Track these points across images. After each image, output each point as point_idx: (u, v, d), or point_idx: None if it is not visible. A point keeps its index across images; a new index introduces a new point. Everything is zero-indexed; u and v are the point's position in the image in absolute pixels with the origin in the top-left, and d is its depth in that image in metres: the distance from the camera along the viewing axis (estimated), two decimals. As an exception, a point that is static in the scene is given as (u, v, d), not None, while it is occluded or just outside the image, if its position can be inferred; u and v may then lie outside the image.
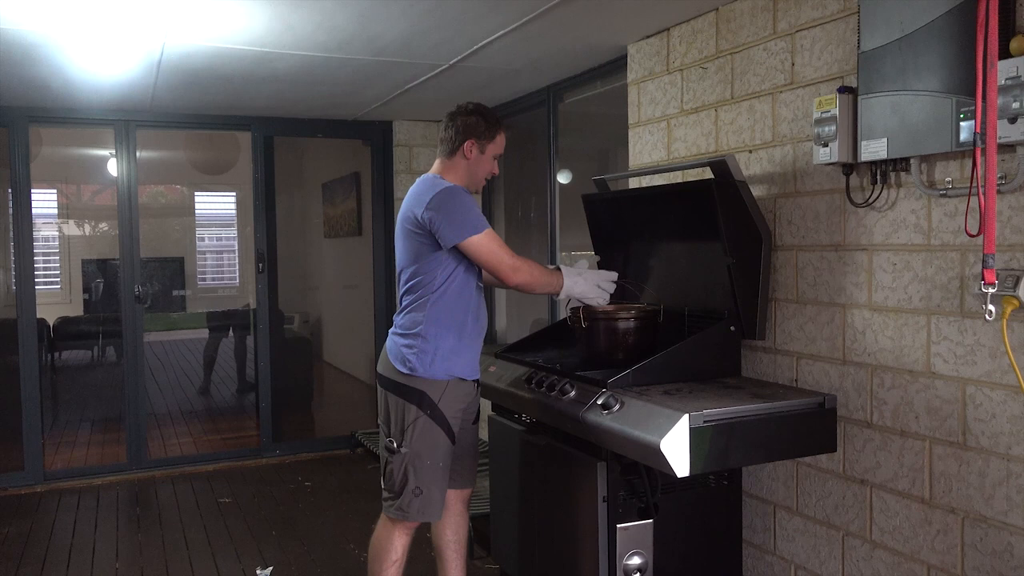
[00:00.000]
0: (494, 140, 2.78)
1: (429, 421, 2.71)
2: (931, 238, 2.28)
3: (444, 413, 2.72)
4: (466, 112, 2.78)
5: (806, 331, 2.70)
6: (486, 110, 2.79)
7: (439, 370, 2.71)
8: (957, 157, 2.19)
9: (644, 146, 3.48)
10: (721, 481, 2.80)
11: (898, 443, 2.41)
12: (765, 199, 2.82)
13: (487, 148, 2.77)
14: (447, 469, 2.77)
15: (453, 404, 2.74)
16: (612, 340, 2.82)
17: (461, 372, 2.75)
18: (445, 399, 2.72)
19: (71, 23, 3.17)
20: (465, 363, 2.76)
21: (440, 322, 2.70)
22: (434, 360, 2.70)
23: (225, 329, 7.45)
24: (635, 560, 2.58)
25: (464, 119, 2.76)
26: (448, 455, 2.76)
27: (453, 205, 2.62)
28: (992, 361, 2.13)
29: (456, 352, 2.72)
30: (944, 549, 2.29)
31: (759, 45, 2.83)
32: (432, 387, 2.71)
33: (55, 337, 7.21)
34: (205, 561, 3.88)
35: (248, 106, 5.03)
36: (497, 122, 2.79)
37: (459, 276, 2.72)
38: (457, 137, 2.75)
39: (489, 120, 2.77)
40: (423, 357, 2.70)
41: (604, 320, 2.84)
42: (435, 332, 2.70)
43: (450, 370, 2.72)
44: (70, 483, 5.13)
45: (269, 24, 3.21)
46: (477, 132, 2.74)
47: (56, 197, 8.46)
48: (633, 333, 2.81)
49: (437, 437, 2.72)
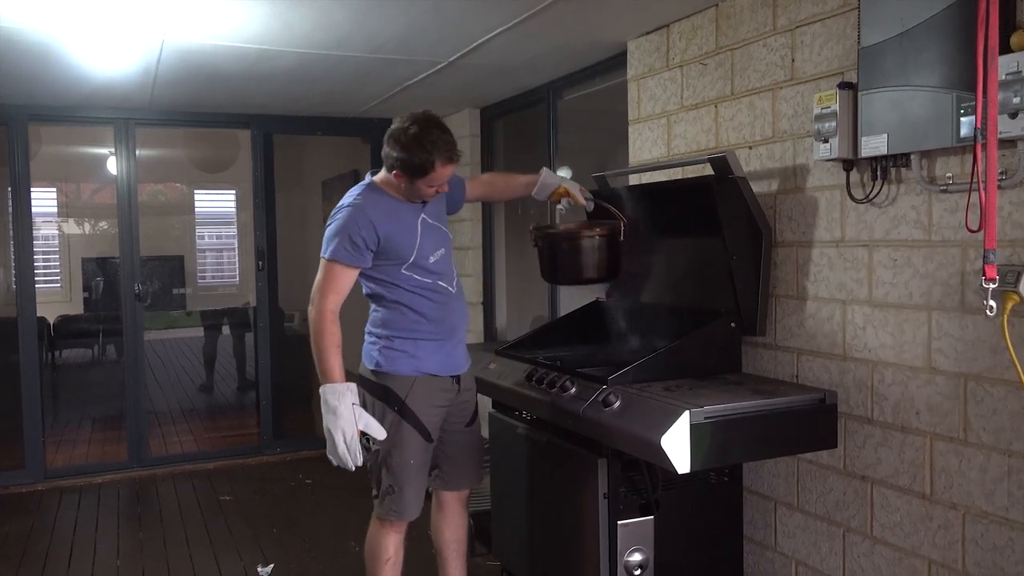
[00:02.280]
0: (424, 177, 2.51)
1: (398, 418, 2.64)
2: (932, 234, 2.28)
3: (413, 410, 2.64)
4: (394, 142, 2.50)
5: (807, 327, 2.70)
6: (416, 144, 2.45)
7: (404, 366, 2.64)
8: (957, 153, 2.19)
9: (644, 143, 3.48)
10: (722, 477, 2.80)
11: (899, 439, 2.41)
12: (765, 195, 2.82)
13: (416, 182, 2.53)
14: (423, 467, 2.71)
15: (424, 401, 2.66)
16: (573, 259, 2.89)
17: (429, 368, 2.67)
18: (413, 396, 2.64)
19: (70, 21, 3.16)
20: (434, 360, 2.68)
21: (399, 323, 2.65)
22: (399, 357, 2.65)
23: (227, 327, 7.46)
24: (636, 556, 2.58)
25: (387, 148, 2.53)
26: (422, 453, 2.69)
27: (332, 221, 2.57)
28: (993, 357, 2.13)
29: (422, 349, 2.66)
30: (945, 545, 2.29)
31: (759, 41, 2.83)
32: (398, 384, 2.65)
33: (55, 335, 7.23)
34: (206, 559, 3.88)
35: (247, 104, 5.02)
36: (429, 159, 2.46)
37: (388, 283, 2.64)
38: (386, 161, 2.56)
39: (417, 156, 2.46)
40: (387, 354, 2.66)
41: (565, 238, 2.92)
42: (397, 331, 2.65)
43: (417, 367, 2.65)
44: (71, 481, 5.13)
45: (267, 22, 3.20)
46: (403, 168, 2.51)
47: (56, 195, 8.47)
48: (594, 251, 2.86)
49: (407, 434, 2.65)
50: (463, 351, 2.80)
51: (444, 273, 2.71)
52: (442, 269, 2.70)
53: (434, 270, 2.67)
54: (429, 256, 2.65)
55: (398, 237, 2.59)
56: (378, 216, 2.56)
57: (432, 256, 2.67)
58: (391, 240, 2.57)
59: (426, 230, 2.66)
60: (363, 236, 2.52)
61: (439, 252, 2.70)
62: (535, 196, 2.94)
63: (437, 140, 2.49)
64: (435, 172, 2.50)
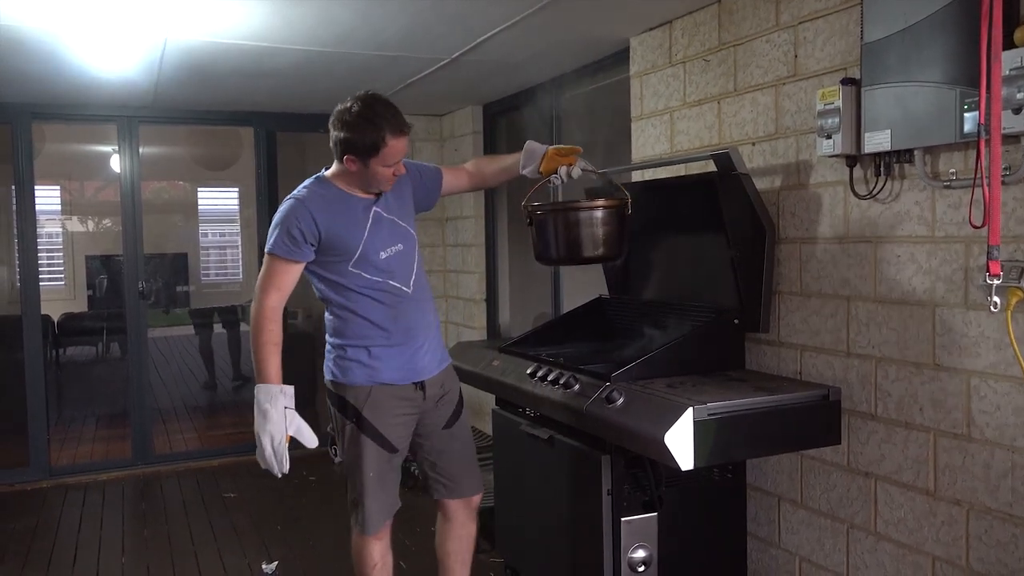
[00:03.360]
0: (377, 155, 2.36)
1: (355, 429, 2.52)
2: (935, 230, 2.28)
3: (371, 421, 2.51)
4: (339, 123, 2.38)
5: (810, 324, 2.70)
6: (361, 120, 2.33)
7: (358, 376, 2.51)
8: (961, 148, 2.18)
9: (647, 139, 3.48)
10: (725, 474, 2.80)
11: (903, 435, 2.40)
12: (768, 192, 2.81)
13: (369, 162, 2.38)
14: (384, 480, 2.55)
15: (383, 411, 2.52)
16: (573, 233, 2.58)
17: (385, 377, 2.52)
18: (370, 406, 2.50)
19: (74, 19, 3.17)
20: (390, 367, 2.52)
21: (349, 330, 2.52)
22: (352, 367, 2.52)
23: (227, 325, 7.48)
24: (640, 553, 2.58)
25: (333, 132, 2.41)
26: (383, 464, 2.54)
27: (276, 217, 2.48)
28: (997, 353, 2.13)
29: (376, 357, 2.51)
30: (949, 541, 2.29)
31: (762, 37, 2.82)
32: (353, 394, 2.52)
33: (59, 333, 7.23)
34: (210, 556, 3.89)
35: (250, 101, 5.03)
36: (378, 132, 2.32)
37: (334, 282, 2.50)
38: (335, 149, 2.43)
39: (365, 133, 2.33)
40: (341, 364, 2.54)
41: (564, 212, 2.59)
42: (348, 339, 2.52)
43: (372, 376, 2.51)
44: (75, 479, 5.14)
45: (270, 19, 3.20)
46: (352, 149, 2.37)
47: (60, 193, 8.47)
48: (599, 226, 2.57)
49: (365, 446, 2.51)
50: (430, 355, 2.62)
51: (396, 272, 2.52)
52: (394, 267, 2.52)
53: (384, 268, 2.50)
54: (379, 251, 2.49)
55: (342, 229, 2.45)
56: (320, 207, 2.44)
57: (383, 252, 2.50)
58: (334, 232, 2.43)
59: (378, 224, 2.51)
60: (301, 228, 2.40)
61: (393, 248, 2.52)
62: (525, 173, 2.71)
63: (383, 113, 2.34)
64: (387, 147, 2.34)
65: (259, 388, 2.38)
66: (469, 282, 5.45)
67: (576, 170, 2.62)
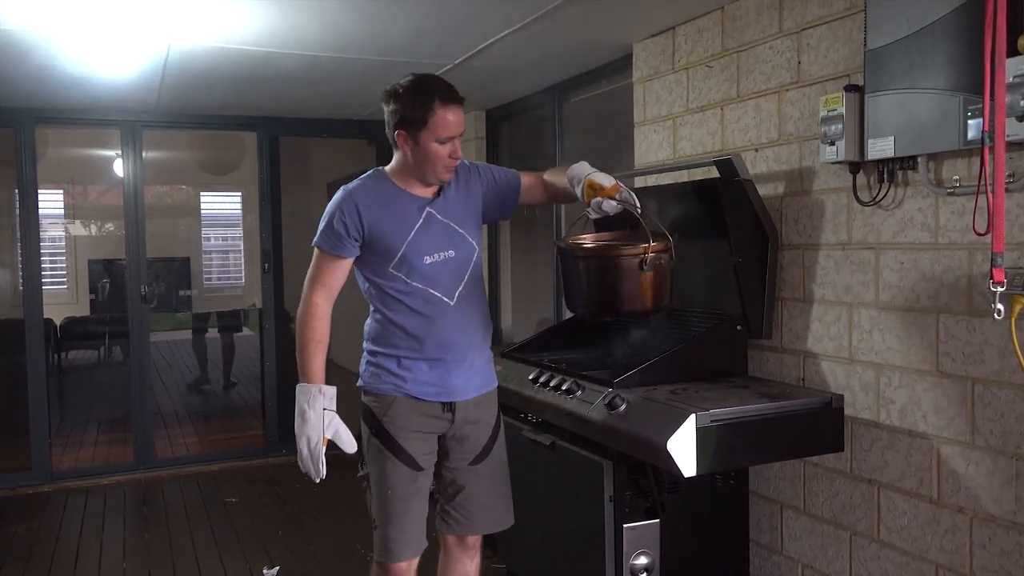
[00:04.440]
0: (427, 126, 2.22)
1: (376, 441, 2.37)
2: (939, 237, 2.27)
3: (391, 432, 2.33)
4: (387, 97, 2.28)
5: (813, 330, 2.69)
6: (411, 89, 2.24)
7: (385, 384, 2.36)
8: (965, 155, 2.18)
9: (650, 145, 3.48)
10: (728, 481, 2.79)
11: (906, 442, 2.40)
12: (771, 198, 2.81)
13: (421, 137, 2.24)
14: (408, 501, 2.34)
15: (403, 423, 2.34)
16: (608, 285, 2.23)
17: (411, 389, 2.34)
18: (391, 417, 2.34)
19: (78, 24, 3.17)
20: (419, 381, 2.34)
21: (382, 336, 2.38)
22: (380, 374, 2.37)
23: (228, 329, 7.50)
24: (642, 560, 2.58)
25: (386, 108, 2.29)
26: (406, 483, 2.33)
27: (326, 209, 2.34)
28: (1001, 360, 2.12)
29: (407, 368, 2.34)
30: (952, 549, 2.28)
31: (765, 43, 2.82)
32: (377, 403, 2.37)
33: (62, 337, 7.25)
34: (212, 560, 3.88)
35: (253, 106, 5.03)
36: (428, 101, 2.21)
37: (374, 284, 2.36)
38: (389, 130, 2.31)
39: (415, 102, 2.22)
40: (371, 370, 2.39)
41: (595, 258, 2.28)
42: (380, 346, 2.38)
43: (398, 386, 2.35)
44: (77, 483, 5.14)
45: (273, 24, 3.21)
46: (403, 121, 2.24)
47: (63, 197, 8.50)
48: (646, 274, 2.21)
49: (386, 461, 2.34)
50: (468, 375, 2.39)
51: (440, 280, 2.33)
52: (438, 275, 2.33)
53: (427, 274, 2.31)
54: (424, 255, 2.30)
55: (388, 225, 2.29)
56: (368, 200, 2.30)
57: (428, 256, 2.31)
58: (378, 228, 2.28)
59: (430, 225, 2.33)
60: (346, 221, 2.27)
61: (442, 254, 2.33)
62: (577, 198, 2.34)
63: (433, 83, 2.25)
64: (437, 117, 2.21)
65: (299, 388, 2.28)
66: (471, 287, 5.45)
67: (610, 203, 2.22)
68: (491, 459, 2.49)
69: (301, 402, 2.26)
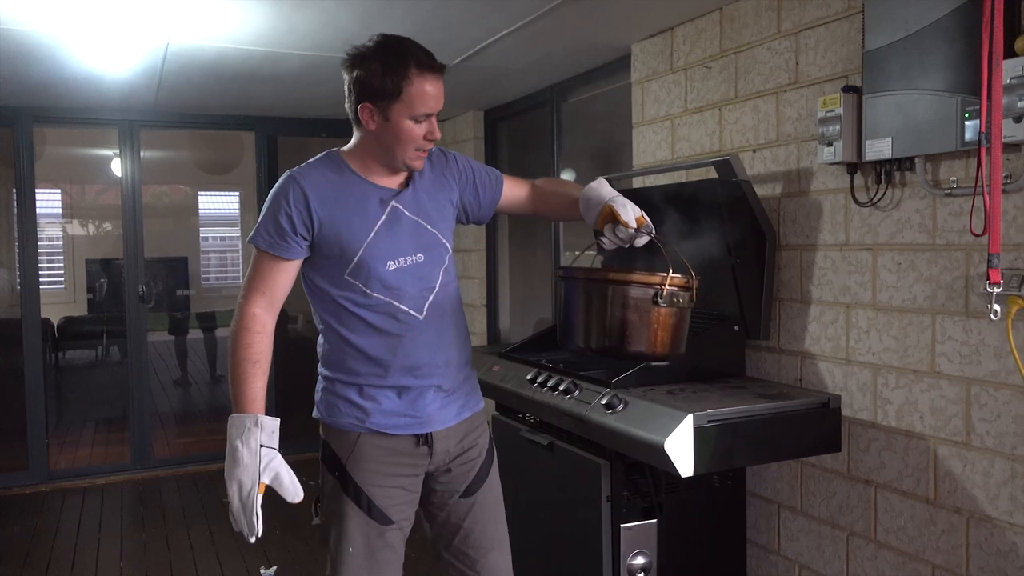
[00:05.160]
0: (400, 98, 1.78)
1: (337, 486, 1.94)
2: (936, 238, 2.28)
3: (356, 479, 1.92)
4: (350, 62, 1.83)
5: (810, 331, 2.70)
6: (381, 52, 1.79)
7: (345, 418, 1.93)
8: (962, 156, 2.18)
9: (648, 145, 3.48)
10: (725, 481, 2.80)
11: (903, 443, 2.40)
12: (769, 199, 2.81)
13: (392, 112, 1.80)
14: (370, 562, 1.92)
15: (373, 468, 1.92)
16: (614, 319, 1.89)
17: (377, 423, 1.91)
18: (356, 459, 1.92)
19: (75, 23, 3.17)
20: (385, 411, 1.92)
21: (337, 359, 1.94)
22: (339, 404, 1.94)
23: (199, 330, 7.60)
24: (639, 560, 2.58)
25: (351, 74, 1.82)
26: (371, 540, 1.92)
27: (267, 198, 1.90)
28: (997, 361, 2.13)
29: (370, 396, 1.92)
30: (949, 549, 2.28)
31: (763, 44, 2.83)
32: (338, 440, 1.95)
33: (59, 337, 7.23)
34: (209, 561, 3.88)
35: (252, 106, 5.03)
36: (402, 68, 1.77)
37: (325, 293, 1.92)
38: (350, 102, 1.86)
39: (387, 68, 1.77)
40: (328, 400, 1.97)
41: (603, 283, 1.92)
42: (336, 371, 1.95)
43: (361, 419, 1.92)
44: (74, 483, 5.14)
45: (272, 24, 3.21)
46: (369, 92, 1.80)
47: (60, 197, 8.48)
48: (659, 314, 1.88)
49: (348, 512, 1.92)
50: (445, 400, 1.98)
51: (406, 291, 1.90)
52: (404, 284, 1.90)
53: (391, 283, 1.88)
54: (386, 260, 1.88)
55: (343, 222, 1.86)
56: (320, 189, 1.86)
57: (392, 262, 1.88)
58: (331, 225, 1.86)
59: (394, 223, 1.90)
60: (291, 214, 1.83)
61: (408, 259, 1.91)
62: (584, 217, 1.99)
63: (407, 45, 1.81)
64: (413, 87, 1.77)
65: (231, 420, 1.82)
66: (469, 288, 5.45)
67: (629, 233, 1.89)
68: (487, 489, 2.09)
69: (232, 437, 1.80)
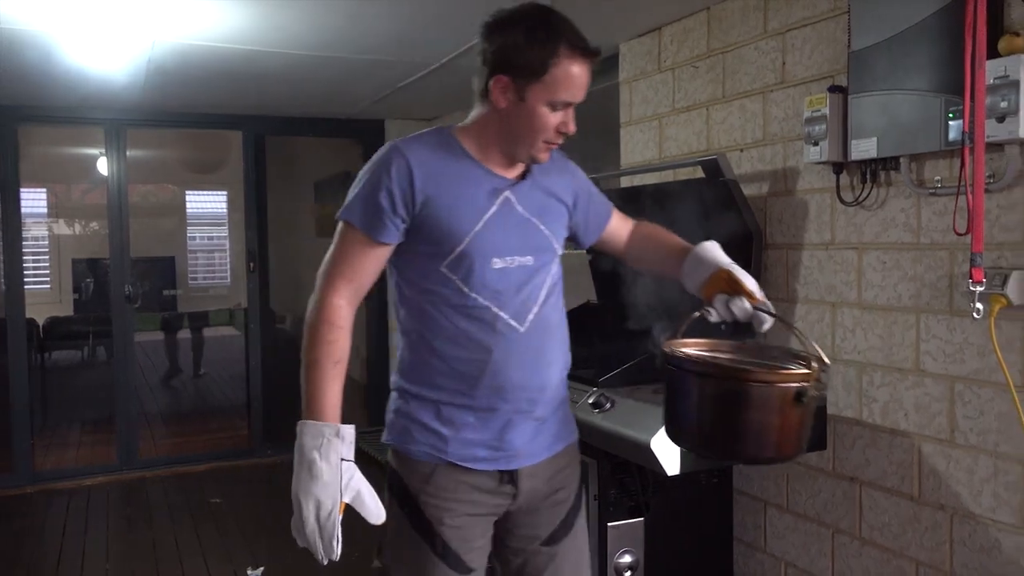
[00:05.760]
0: (543, 78, 1.54)
1: (406, 524, 1.68)
2: (920, 237, 2.29)
3: (428, 516, 1.65)
4: (492, 28, 1.58)
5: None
6: (531, 21, 1.56)
7: (419, 444, 1.66)
8: (946, 156, 2.20)
9: (636, 145, 3.49)
10: (712, 479, 2.80)
11: (887, 441, 2.42)
12: (756, 198, 2.83)
13: (530, 92, 1.55)
14: None
15: (447, 506, 1.65)
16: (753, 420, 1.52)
17: (455, 455, 1.64)
18: (430, 493, 1.65)
19: (59, 21, 3.15)
20: (462, 440, 1.65)
21: (416, 370, 1.68)
22: (412, 428, 1.67)
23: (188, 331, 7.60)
24: (626, 558, 2.59)
25: (490, 41, 1.58)
26: None
27: (362, 170, 1.65)
28: (980, 359, 2.14)
29: (448, 420, 1.65)
30: (933, 546, 2.30)
31: (750, 44, 2.84)
32: (410, 470, 1.68)
33: (44, 337, 7.18)
34: (195, 562, 3.86)
35: (239, 105, 5.01)
36: (552, 43, 1.54)
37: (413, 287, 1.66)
38: (483, 71, 1.60)
39: (534, 41, 1.53)
40: (400, 421, 1.70)
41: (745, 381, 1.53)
42: (414, 383, 1.68)
43: (438, 447, 1.65)
44: (60, 484, 5.10)
45: (257, 22, 3.20)
46: (508, 64, 1.55)
47: (46, 196, 8.42)
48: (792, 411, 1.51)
49: (421, 557, 1.67)
50: (537, 430, 1.70)
51: (509, 296, 1.63)
52: (508, 288, 1.63)
53: (493, 284, 1.62)
54: (493, 257, 1.62)
55: (449, 204, 1.59)
56: (425, 163, 1.60)
57: (499, 259, 1.62)
58: (436, 205, 1.58)
59: (505, 216, 1.64)
60: (392, 189, 1.57)
61: (516, 260, 1.64)
62: (683, 280, 1.81)
63: (559, 19, 1.58)
64: (560, 68, 1.54)
65: (304, 426, 1.56)
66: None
67: (744, 306, 1.69)
68: (573, 536, 1.79)
69: (308, 448, 1.54)
